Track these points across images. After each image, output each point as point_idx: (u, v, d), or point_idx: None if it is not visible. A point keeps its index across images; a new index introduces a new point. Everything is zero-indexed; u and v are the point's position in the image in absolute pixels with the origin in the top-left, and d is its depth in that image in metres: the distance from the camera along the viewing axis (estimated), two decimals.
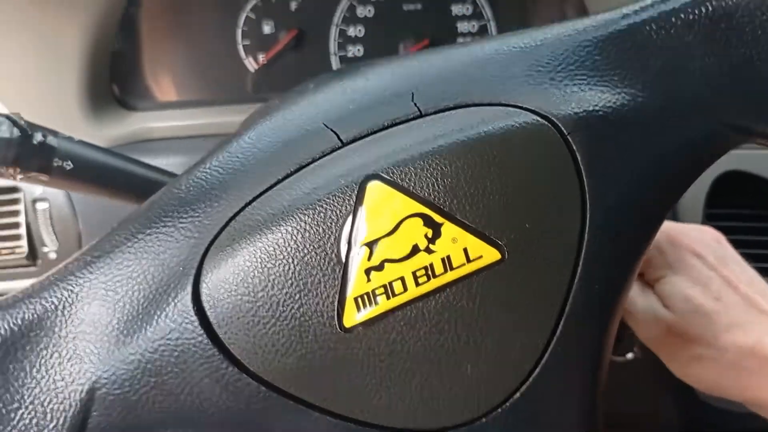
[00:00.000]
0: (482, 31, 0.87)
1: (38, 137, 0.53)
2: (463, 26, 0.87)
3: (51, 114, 0.81)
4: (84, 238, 0.82)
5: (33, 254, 0.83)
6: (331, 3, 0.86)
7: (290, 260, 0.34)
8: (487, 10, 0.86)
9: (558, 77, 0.40)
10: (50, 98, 0.80)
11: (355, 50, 0.88)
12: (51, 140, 0.54)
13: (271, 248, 0.34)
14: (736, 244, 0.56)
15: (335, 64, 0.88)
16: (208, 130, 0.86)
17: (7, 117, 0.53)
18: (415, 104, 0.40)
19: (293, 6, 0.86)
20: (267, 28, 0.86)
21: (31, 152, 0.53)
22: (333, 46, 0.87)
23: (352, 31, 0.87)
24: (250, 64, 0.88)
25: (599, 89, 0.39)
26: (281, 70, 0.88)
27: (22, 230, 0.82)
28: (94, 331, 0.36)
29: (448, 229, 0.35)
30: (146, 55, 0.86)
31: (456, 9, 0.86)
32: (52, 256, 0.83)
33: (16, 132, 0.53)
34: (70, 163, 0.55)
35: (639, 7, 0.41)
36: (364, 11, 0.86)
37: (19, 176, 0.54)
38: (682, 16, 0.39)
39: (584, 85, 0.39)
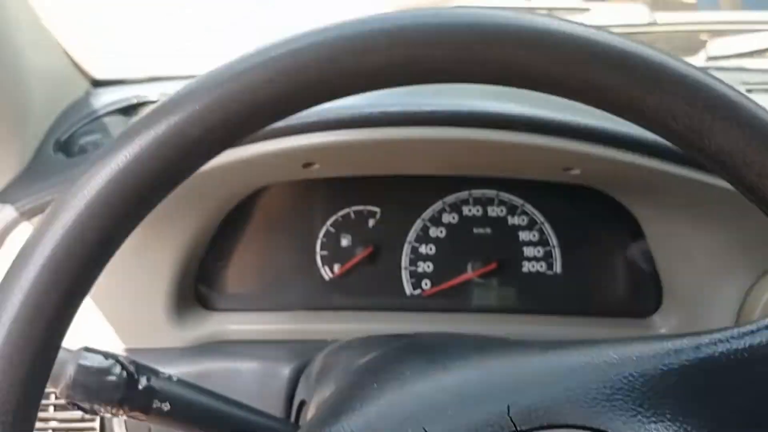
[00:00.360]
0: (547, 257, 0.91)
1: (143, 382, 0.58)
2: (529, 251, 0.92)
3: (138, 317, 0.87)
4: None
5: None
6: (406, 222, 0.92)
7: None
8: (552, 238, 0.91)
9: (645, 405, 0.42)
10: (139, 303, 0.86)
11: (425, 266, 0.93)
12: (153, 382, 0.58)
13: None
14: None
15: (405, 278, 0.93)
16: (282, 336, 0.90)
17: (118, 360, 0.58)
18: (511, 419, 0.42)
19: (371, 223, 0.92)
20: (344, 242, 0.93)
21: (135, 395, 0.57)
22: (405, 261, 0.93)
23: (423, 249, 0.93)
24: (326, 274, 0.93)
25: (683, 425, 0.42)
26: (355, 281, 0.93)
27: None
28: None
29: None
30: (230, 261, 0.93)
31: (523, 235, 0.91)
32: None
33: (124, 375, 0.57)
34: (168, 404, 0.58)
35: (724, 336, 0.44)
36: (436, 232, 0.92)
37: (121, 416, 0.58)
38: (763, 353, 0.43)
39: (671, 416, 0.42)
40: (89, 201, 0.38)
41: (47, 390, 0.82)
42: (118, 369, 0.57)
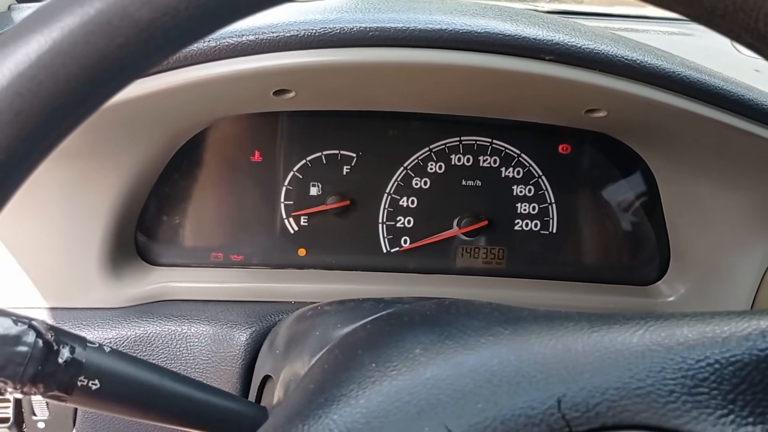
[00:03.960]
0: (543, 214, 0.81)
1: (65, 353, 0.45)
2: (523, 208, 0.81)
3: (67, 270, 0.72)
4: (79, 410, 0.72)
5: (18, 422, 0.72)
6: (386, 171, 0.80)
7: None
8: (549, 194, 0.81)
9: (739, 401, 0.32)
10: (68, 254, 0.72)
11: (405, 221, 0.81)
12: (79, 354, 0.45)
13: None
14: None
15: (382, 233, 0.81)
16: (237, 296, 0.77)
17: (31, 325, 0.44)
18: (563, 416, 0.32)
19: (345, 170, 0.80)
20: (313, 190, 0.80)
21: (54, 371, 0.44)
22: (382, 214, 0.81)
23: (404, 202, 0.81)
24: (291, 226, 0.81)
25: None
26: (323, 235, 0.81)
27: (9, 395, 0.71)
28: None
29: None
30: (178, 207, 0.79)
31: (517, 189, 0.81)
32: (41, 425, 0.73)
33: (39, 345, 0.44)
34: (97, 382, 0.46)
35: None
36: (420, 182, 0.80)
37: (34, 395, 0.45)
38: None
39: None
40: None
41: None
42: (31, 336, 0.44)
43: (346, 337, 0.47)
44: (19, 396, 0.45)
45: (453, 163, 0.80)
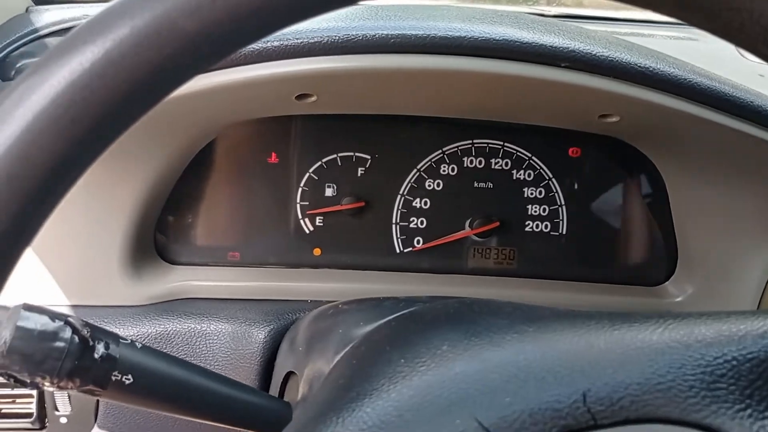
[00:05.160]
0: (553, 216, 0.83)
1: (100, 349, 0.46)
2: (534, 209, 0.83)
3: (88, 270, 0.74)
4: (101, 406, 0.73)
5: (41, 417, 0.74)
6: (400, 173, 0.82)
7: None
8: (560, 196, 0.82)
9: (756, 396, 0.34)
10: (90, 253, 0.73)
11: (418, 222, 0.83)
12: (113, 350, 0.47)
13: None
14: None
15: (396, 234, 0.83)
16: (254, 294, 0.79)
17: (68, 321, 0.46)
18: (588, 409, 0.34)
19: (359, 172, 0.81)
20: (329, 191, 0.82)
21: (90, 365, 0.46)
22: (396, 215, 0.83)
23: (417, 203, 0.83)
24: (306, 226, 0.82)
25: None
26: (338, 235, 0.83)
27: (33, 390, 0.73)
28: None
29: None
30: (196, 208, 0.80)
31: (528, 191, 0.83)
32: (63, 420, 0.74)
33: (75, 341, 0.45)
34: (130, 377, 0.47)
35: None
36: (433, 184, 0.82)
37: (70, 390, 0.46)
38: None
39: None
40: (36, 114, 0.27)
41: None
42: (68, 333, 0.45)
43: (370, 335, 0.49)
44: (53, 389, 0.47)
45: (465, 165, 0.82)
